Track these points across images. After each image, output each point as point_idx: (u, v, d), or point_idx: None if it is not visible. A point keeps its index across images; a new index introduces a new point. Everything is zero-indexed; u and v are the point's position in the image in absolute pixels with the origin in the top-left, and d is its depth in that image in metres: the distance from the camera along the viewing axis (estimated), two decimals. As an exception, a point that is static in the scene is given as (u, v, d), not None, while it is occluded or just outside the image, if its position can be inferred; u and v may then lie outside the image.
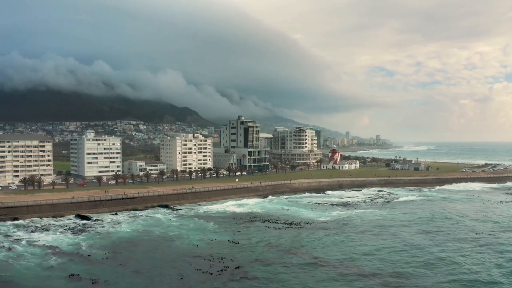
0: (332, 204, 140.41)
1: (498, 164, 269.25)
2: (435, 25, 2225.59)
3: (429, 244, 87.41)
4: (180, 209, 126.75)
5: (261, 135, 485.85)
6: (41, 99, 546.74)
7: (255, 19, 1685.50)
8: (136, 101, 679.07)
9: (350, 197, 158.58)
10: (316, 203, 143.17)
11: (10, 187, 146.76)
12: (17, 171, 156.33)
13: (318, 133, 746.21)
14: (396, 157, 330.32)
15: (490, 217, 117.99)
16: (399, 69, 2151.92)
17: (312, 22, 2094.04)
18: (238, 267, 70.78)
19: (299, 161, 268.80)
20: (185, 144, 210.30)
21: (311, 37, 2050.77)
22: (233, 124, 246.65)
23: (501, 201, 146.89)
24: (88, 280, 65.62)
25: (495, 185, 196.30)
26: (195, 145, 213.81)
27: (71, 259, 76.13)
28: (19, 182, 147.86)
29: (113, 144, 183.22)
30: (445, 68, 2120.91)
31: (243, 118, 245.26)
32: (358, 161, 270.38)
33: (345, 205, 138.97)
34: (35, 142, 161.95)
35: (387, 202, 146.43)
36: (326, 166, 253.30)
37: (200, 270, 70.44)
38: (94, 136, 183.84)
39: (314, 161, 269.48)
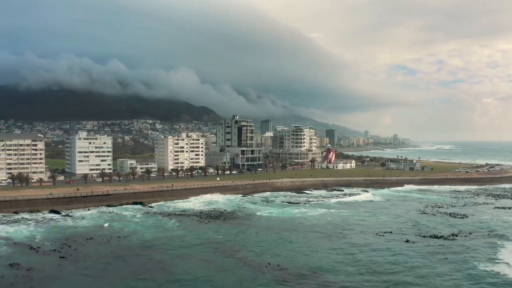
0: (305, 203, 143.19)
1: (497, 165, 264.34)
2: (455, 23, 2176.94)
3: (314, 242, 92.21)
4: (152, 207, 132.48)
5: (268, 134, 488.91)
6: (57, 98, 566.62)
7: (272, 19, 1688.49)
8: (153, 100, 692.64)
9: (326, 197, 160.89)
10: (289, 202, 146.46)
11: (1, 184, 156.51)
12: (10, 168, 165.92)
13: (332, 132, 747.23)
14: (397, 156, 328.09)
15: (416, 219, 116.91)
16: (420, 68, 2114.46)
17: (331, 21, 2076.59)
18: (160, 261, 75.85)
19: (296, 160, 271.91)
20: (177, 143, 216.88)
21: (330, 36, 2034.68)
22: (228, 123, 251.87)
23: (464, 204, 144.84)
24: (24, 268, 71.80)
25: (483, 187, 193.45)
26: (187, 144, 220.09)
27: (20, 250, 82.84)
28: (7, 178, 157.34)
29: (104, 143, 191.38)
30: (467, 66, 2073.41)
31: (237, 117, 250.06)
32: (354, 161, 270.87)
33: (316, 205, 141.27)
34: (28, 141, 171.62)
35: (352, 201, 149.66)
36: (321, 166, 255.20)
37: (130, 263, 75.80)
38: (86, 135, 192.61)
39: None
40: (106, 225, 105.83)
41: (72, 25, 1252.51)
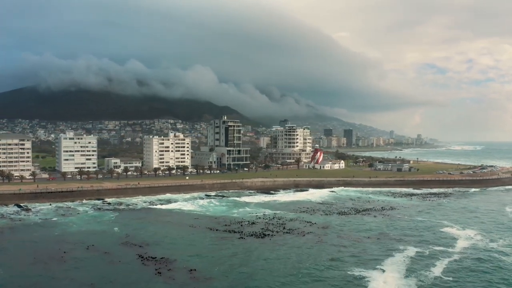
0: (257, 203, 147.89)
1: (490, 166, 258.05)
2: (483, 21, 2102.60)
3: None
4: (109, 203, 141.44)
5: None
6: (77, 99, 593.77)
7: (297, 18, 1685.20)
8: (174, 99, 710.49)
9: (286, 195, 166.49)
10: (245, 201, 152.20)
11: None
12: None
13: (349, 132, 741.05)
14: (396, 157, 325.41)
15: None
16: (450, 66, 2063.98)
17: (357, 20, 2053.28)
18: (62, 250, 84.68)
19: (289, 160, 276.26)
20: (162, 143, 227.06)
21: (356, 35, 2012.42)
22: (217, 123, 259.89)
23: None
24: None
25: (464, 189, 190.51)
26: (172, 144, 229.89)
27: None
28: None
29: (89, 142, 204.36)
30: (498, 65, 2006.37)
31: (225, 117, 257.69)
32: (343, 161, 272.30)
33: (264, 205, 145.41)
34: (16, 141, 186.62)
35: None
36: (308, 166, 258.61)
37: (37, 249, 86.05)
38: (73, 135, 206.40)
39: (305, 160, 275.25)
40: (56, 219, 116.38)
41: (91, 26, 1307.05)
